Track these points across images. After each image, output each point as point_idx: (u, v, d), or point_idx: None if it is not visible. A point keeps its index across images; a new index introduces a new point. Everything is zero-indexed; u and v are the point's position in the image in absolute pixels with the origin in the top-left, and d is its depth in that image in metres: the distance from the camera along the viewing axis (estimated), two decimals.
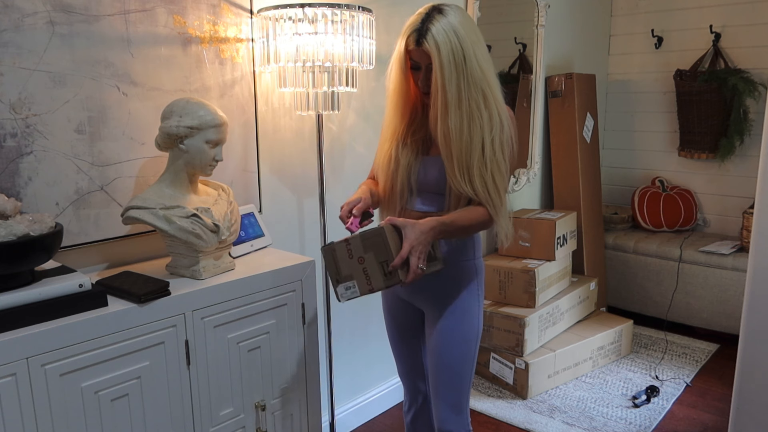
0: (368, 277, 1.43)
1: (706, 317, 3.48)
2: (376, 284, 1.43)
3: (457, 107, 1.44)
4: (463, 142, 1.45)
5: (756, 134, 3.60)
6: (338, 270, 1.44)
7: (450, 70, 1.41)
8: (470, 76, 1.43)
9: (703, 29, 3.71)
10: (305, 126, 2.20)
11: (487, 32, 3.10)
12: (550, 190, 3.68)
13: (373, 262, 1.42)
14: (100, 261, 1.70)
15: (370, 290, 1.44)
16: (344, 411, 2.54)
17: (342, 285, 1.44)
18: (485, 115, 1.46)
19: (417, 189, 1.59)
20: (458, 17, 1.43)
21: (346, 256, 1.42)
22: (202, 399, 1.56)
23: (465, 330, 1.61)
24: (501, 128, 1.48)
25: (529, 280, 2.87)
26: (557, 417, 2.64)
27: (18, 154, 1.49)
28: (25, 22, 1.47)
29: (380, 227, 1.42)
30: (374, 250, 1.41)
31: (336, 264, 1.43)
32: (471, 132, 1.45)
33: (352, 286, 1.44)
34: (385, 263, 1.41)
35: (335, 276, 1.44)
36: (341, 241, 1.43)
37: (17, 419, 1.23)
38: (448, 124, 1.45)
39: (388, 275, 1.42)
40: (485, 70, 1.45)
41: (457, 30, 1.41)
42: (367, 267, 1.42)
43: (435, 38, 1.40)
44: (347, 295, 1.44)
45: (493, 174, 1.48)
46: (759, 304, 1.98)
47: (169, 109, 1.56)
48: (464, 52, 1.41)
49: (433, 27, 1.41)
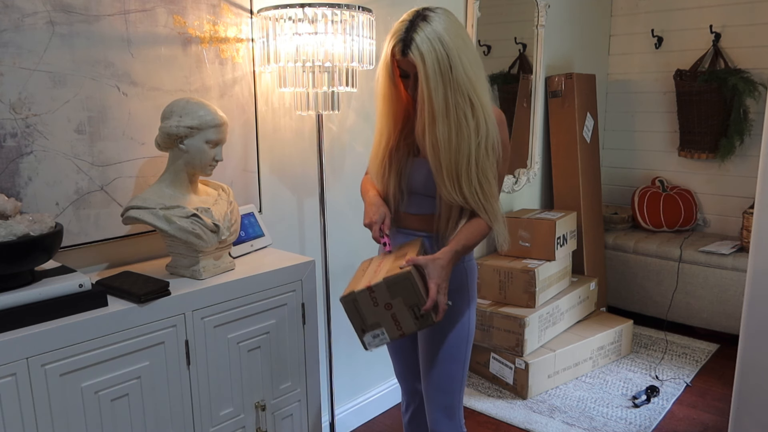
0: (398, 323, 1.34)
1: (706, 317, 3.48)
2: (408, 328, 1.35)
3: (444, 117, 1.42)
4: (452, 151, 1.43)
5: (756, 134, 3.60)
6: (363, 319, 1.35)
7: (436, 80, 1.38)
8: (456, 84, 1.40)
9: (703, 29, 3.71)
10: (305, 126, 2.20)
11: (487, 32, 3.12)
12: (550, 190, 3.68)
13: (402, 307, 1.34)
14: (100, 261, 1.70)
15: (401, 335, 1.36)
16: (344, 411, 2.54)
17: (369, 334, 1.35)
18: (472, 123, 1.44)
19: (408, 192, 1.59)
20: (443, 23, 1.39)
21: (371, 304, 1.34)
22: (202, 399, 1.56)
23: (456, 333, 1.60)
24: (487, 134, 1.46)
25: (529, 280, 2.87)
26: (557, 417, 2.64)
27: (18, 154, 1.49)
28: (25, 22, 1.47)
29: (407, 272, 1.34)
30: (402, 295, 1.33)
31: (359, 313, 1.34)
32: (459, 141, 1.43)
33: (380, 334, 1.35)
34: (415, 307, 1.34)
35: (360, 326, 1.35)
36: (363, 290, 1.34)
37: (17, 419, 1.23)
38: (437, 134, 1.43)
39: (420, 318, 1.34)
40: (472, 77, 1.42)
41: (442, 37, 1.38)
42: (396, 313, 1.34)
43: (419, 48, 1.37)
44: (375, 343, 1.35)
45: (481, 182, 1.46)
46: (759, 304, 1.98)
47: (169, 109, 1.56)
48: (450, 61, 1.38)
49: (417, 36, 1.37)
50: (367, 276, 1.42)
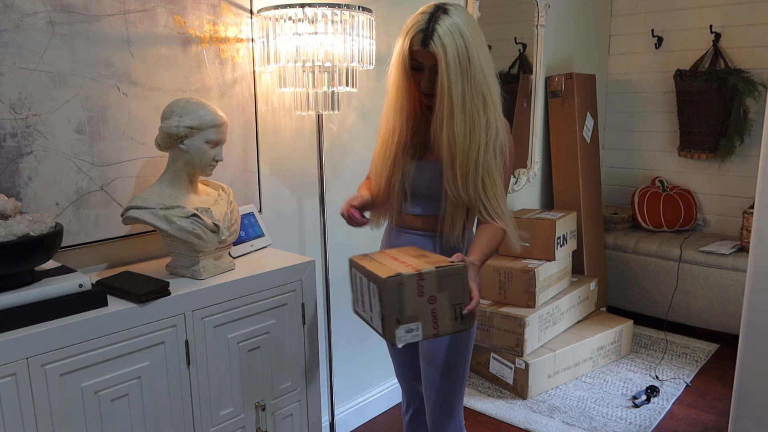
0: (436, 320, 1.23)
1: (706, 317, 3.48)
2: (444, 329, 1.24)
3: (462, 111, 1.42)
4: (466, 146, 1.44)
5: (756, 134, 3.60)
6: (402, 308, 1.20)
7: (456, 73, 1.39)
8: (473, 80, 1.41)
9: (703, 29, 3.71)
10: (305, 126, 2.20)
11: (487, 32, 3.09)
12: (550, 190, 3.68)
13: (445, 303, 1.23)
14: (100, 261, 1.70)
15: (435, 335, 1.24)
16: (344, 411, 2.54)
17: (403, 327, 1.20)
18: (483, 121, 1.44)
19: (411, 193, 1.59)
20: (463, 18, 1.41)
21: (415, 292, 1.21)
22: (202, 399, 1.56)
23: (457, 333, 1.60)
24: (496, 135, 1.46)
25: (529, 280, 2.87)
26: (557, 417, 2.64)
27: (18, 154, 1.49)
28: (25, 22, 1.47)
29: (462, 266, 1.25)
30: (449, 290, 1.24)
31: (400, 300, 1.20)
32: (472, 137, 1.44)
33: (415, 329, 1.21)
34: (458, 306, 1.24)
35: (396, 315, 1.20)
36: (411, 275, 1.21)
37: (17, 419, 1.23)
38: (454, 128, 1.43)
39: (459, 319, 1.25)
40: (487, 75, 1.43)
41: (463, 32, 1.39)
42: (437, 308, 1.22)
43: (442, 39, 1.38)
44: (406, 339, 1.21)
45: (485, 180, 1.46)
46: (759, 304, 1.98)
47: (169, 109, 1.56)
48: (469, 55, 1.39)
49: (440, 27, 1.38)
50: (394, 266, 1.28)
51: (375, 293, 1.24)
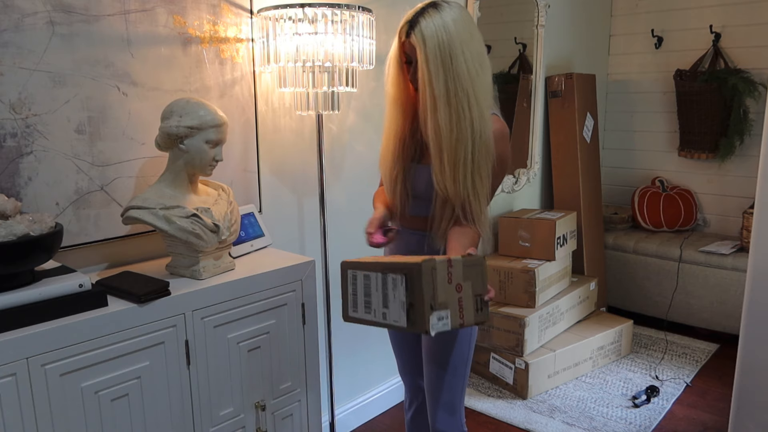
0: (461, 310, 1.23)
1: (706, 317, 3.48)
2: (468, 319, 1.23)
3: (446, 104, 1.41)
4: (452, 139, 1.43)
5: (756, 134, 3.60)
6: (435, 294, 1.19)
7: (436, 66, 1.39)
8: (456, 75, 1.40)
9: (703, 29, 3.71)
10: (305, 126, 2.20)
11: (487, 32, 3.11)
12: (550, 190, 3.68)
13: (468, 293, 1.24)
14: (100, 261, 1.70)
15: (461, 325, 1.23)
16: (344, 411, 2.54)
17: (435, 314, 1.19)
18: (469, 117, 1.43)
19: (412, 195, 1.60)
20: (453, 15, 1.41)
21: (446, 279, 1.21)
22: (202, 399, 1.56)
23: (459, 332, 1.60)
24: (481, 133, 1.45)
25: (529, 280, 2.87)
26: (557, 417, 2.64)
27: (18, 154, 1.49)
28: (25, 22, 1.47)
29: (482, 256, 1.28)
30: (472, 279, 1.25)
31: (434, 285, 1.19)
32: (459, 131, 1.43)
33: (445, 317, 1.20)
34: (479, 296, 1.26)
35: (429, 301, 1.18)
36: (443, 261, 1.21)
37: (17, 419, 1.23)
38: (438, 120, 1.43)
39: (479, 310, 1.26)
40: (472, 71, 1.42)
41: (447, 26, 1.39)
42: (463, 297, 1.23)
43: (423, 31, 1.39)
44: (438, 327, 1.20)
45: (474, 177, 1.46)
46: (759, 304, 1.98)
47: (169, 109, 1.56)
48: (451, 50, 1.39)
49: (423, 20, 1.40)
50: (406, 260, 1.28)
51: (398, 284, 1.23)
